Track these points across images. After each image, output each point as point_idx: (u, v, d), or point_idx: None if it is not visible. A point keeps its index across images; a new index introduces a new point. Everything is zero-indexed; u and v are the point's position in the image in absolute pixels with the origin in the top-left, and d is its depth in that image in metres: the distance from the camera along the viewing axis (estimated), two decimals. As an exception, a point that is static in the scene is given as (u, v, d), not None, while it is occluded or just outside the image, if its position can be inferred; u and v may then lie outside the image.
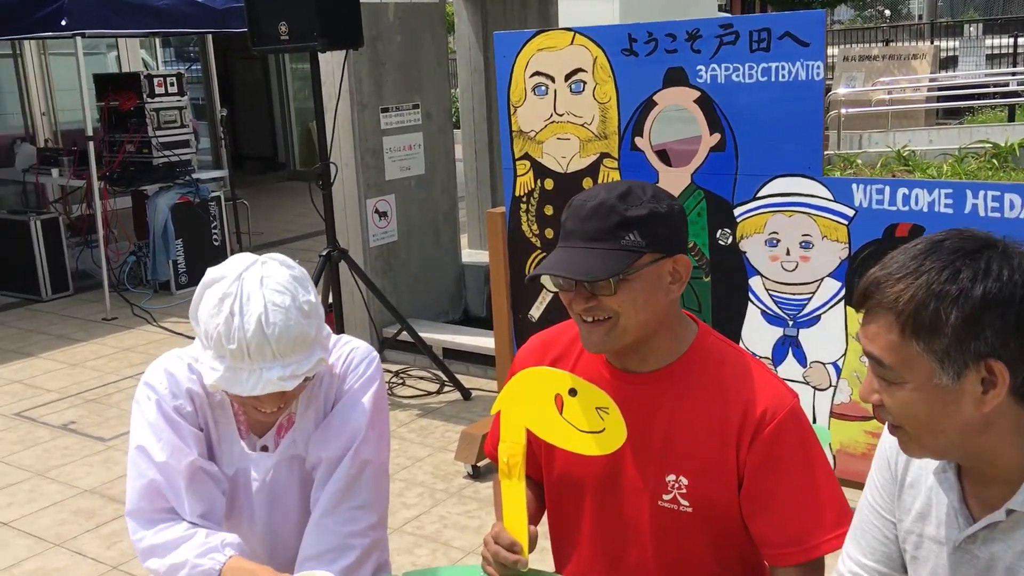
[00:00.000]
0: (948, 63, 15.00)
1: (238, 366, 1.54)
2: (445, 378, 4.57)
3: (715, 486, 1.53)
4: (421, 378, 4.75)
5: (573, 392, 1.40)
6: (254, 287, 1.55)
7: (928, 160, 8.90)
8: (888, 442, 1.39)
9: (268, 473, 1.74)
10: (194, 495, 1.64)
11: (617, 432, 1.38)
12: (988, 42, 16.11)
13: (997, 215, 2.57)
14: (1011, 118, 11.13)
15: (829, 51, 16.22)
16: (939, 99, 12.18)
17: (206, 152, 9.61)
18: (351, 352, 1.77)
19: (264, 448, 1.75)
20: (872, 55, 12.68)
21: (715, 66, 2.99)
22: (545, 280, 1.54)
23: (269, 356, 1.53)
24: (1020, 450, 1.17)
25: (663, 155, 3.17)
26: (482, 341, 4.69)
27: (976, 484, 1.24)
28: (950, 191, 2.67)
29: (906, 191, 2.75)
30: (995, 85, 12.28)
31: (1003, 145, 8.83)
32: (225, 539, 1.61)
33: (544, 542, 1.62)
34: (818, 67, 2.82)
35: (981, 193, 2.63)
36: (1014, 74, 12.84)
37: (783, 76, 2.87)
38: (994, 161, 8.59)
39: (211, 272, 1.60)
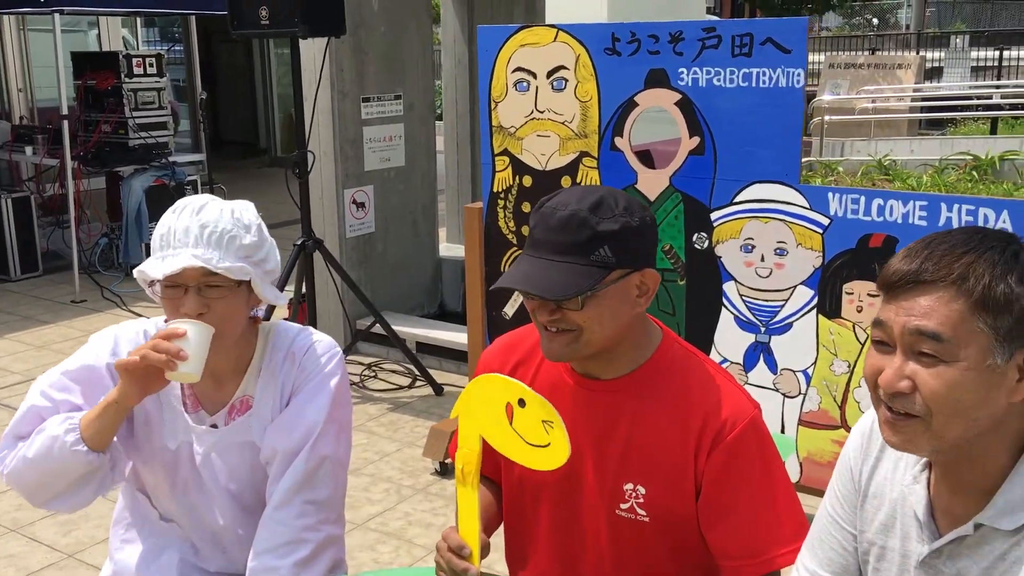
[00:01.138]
0: (933, 74, 15.09)
1: (164, 253, 1.58)
2: (417, 372, 4.53)
3: (673, 496, 1.51)
4: (393, 371, 4.72)
5: (522, 403, 1.36)
6: (203, 198, 1.65)
7: (908, 170, 8.94)
8: (852, 451, 1.37)
9: (212, 449, 1.71)
10: None
11: (561, 448, 1.34)
12: (974, 54, 16.23)
13: (971, 230, 2.57)
14: (993, 131, 11.21)
15: (815, 58, 16.30)
16: (923, 109, 12.25)
17: (187, 135, 9.50)
18: (313, 344, 1.74)
19: (214, 426, 1.72)
20: (858, 63, 12.73)
21: (697, 69, 2.97)
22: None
23: (191, 242, 1.57)
24: (1007, 457, 1.17)
25: (642, 156, 3.15)
26: (456, 336, 4.66)
27: (946, 495, 1.23)
28: (925, 203, 2.67)
29: (881, 202, 2.74)
30: (979, 97, 12.37)
31: (983, 158, 8.88)
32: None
33: (497, 539, 1.60)
34: (799, 74, 2.81)
35: (956, 206, 2.62)
36: (998, 87, 12.95)
37: (764, 82, 2.85)
38: (974, 173, 8.64)
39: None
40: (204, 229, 1.57)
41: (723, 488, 1.48)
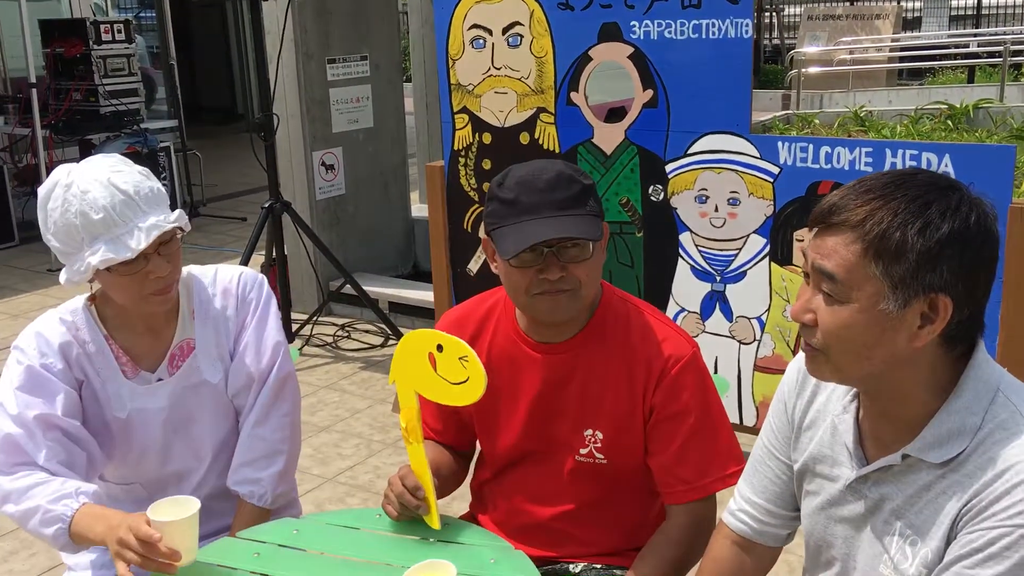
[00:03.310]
0: (912, 24, 15.03)
1: (115, 234, 1.56)
2: (389, 331, 4.59)
3: (628, 436, 1.63)
4: (367, 331, 4.77)
5: (440, 348, 1.44)
6: (87, 170, 1.59)
7: (884, 121, 8.96)
8: (787, 386, 1.43)
9: (166, 403, 1.76)
10: (51, 444, 1.63)
11: (478, 378, 1.42)
12: (952, 2, 16.15)
13: (913, 174, 2.62)
14: (970, 79, 11.22)
15: (793, 10, 16.19)
16: (901, 60, 12.23)
17: (165, 102, 9.41)
18: (241, 276, 1.83)
19: (160, 380, 1.77)
20: (836, 14, 12.67)
21: (648, 22, 2.99)
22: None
23: (139, 211, 1.58)
24: (929, 395, 1.20)
25: (598, 110, 3.18)
26: (427, 295, 4.69)
27: (875, 424, 1.28)
28: (870, 150, 2.71)
29: (828, 149, 2.78)
30: (956, 46, 12.35)
31: (958, 107, 8.90)
32: (80, 487, 1.59)
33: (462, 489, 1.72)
34: (747, 25, 2.83)
35: (900, 152, 2.67)
36: (975, 35, 12.92)
37: (713, 33, 2.88)
38: (949, 122, 8.67)
39: (40, 190, 1.63)
40: (139, 195, 1.58)
41: (665, 419, 1.61)
